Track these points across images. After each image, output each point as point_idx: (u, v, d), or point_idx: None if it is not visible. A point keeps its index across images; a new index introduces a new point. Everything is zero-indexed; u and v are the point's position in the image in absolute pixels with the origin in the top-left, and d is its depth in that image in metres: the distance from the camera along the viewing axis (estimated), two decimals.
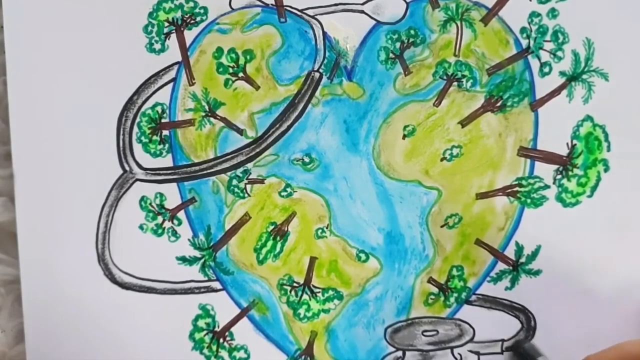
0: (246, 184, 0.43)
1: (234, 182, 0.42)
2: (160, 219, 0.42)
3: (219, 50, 0.42)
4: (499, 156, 0.43)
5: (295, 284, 0.43)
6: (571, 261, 0.43)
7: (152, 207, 0.42)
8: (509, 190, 0.43)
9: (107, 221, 0.42)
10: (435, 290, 0.44)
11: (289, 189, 0.43)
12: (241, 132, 0.42)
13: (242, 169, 0.42)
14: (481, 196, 0.43)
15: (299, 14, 0.42)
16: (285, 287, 0.43)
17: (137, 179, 0.42)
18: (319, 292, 0.43)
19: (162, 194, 0.42)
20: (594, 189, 0.43)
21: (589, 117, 0.43)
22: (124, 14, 0.41)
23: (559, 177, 0.43)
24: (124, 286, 0.42)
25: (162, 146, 0.42)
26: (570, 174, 0.43)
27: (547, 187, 0.43)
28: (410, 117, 0.42)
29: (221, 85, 0.42)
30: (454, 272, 0.44)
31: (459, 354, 0.44)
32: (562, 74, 0.42)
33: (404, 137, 0.43)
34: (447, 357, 0.44)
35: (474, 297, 0.44)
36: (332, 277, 0.43)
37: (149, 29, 0.41)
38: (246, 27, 0.42)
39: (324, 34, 0.42)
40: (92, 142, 0.42)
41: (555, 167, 0.43)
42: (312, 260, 0.43)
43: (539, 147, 0.43)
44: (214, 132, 0.42)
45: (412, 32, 0.42)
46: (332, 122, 0.42)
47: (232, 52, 0.42)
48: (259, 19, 0.42)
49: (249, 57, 0.42)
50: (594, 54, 0.42)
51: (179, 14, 0.41)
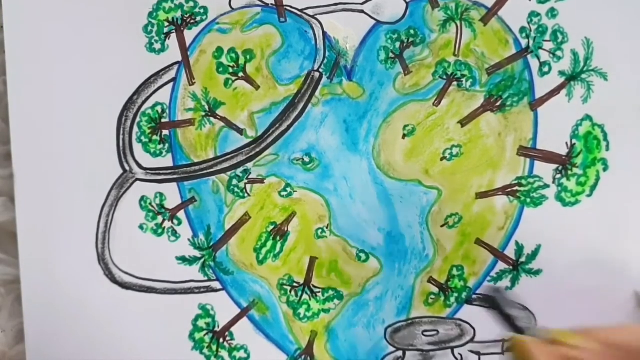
0: (246, 183, 0.43)
1: (234, 181, 0.42)
2: (160, 219, 0.42)
3: (219, 50, 0.42)
4: (499, 156, 0.43)
5: (295, 284, 0.43)
6: (571, 260, 0.43)
7: (152, 207, 0.42)
8: (509, 189, 0.43)
9: (107, 221, 0.42)
10: (435, 290, 0.44)
11: (289, 189, 0.43)
12: (241, 131, 0.42)
13: (242, 169, 0.42)
14: (481, 196, 0.43)
15: (299, 13, 0.42)
16: (285, 287, 0.43)
17: (137, 179, 0.42)
18: (319, 292, 0.43)
19: (162, 194, 0.42)
20: (594, 188, 0.43)
21: (588, 117, 0.43)
22: (124, 14, 0.41)
23: (559, 176, 0.43)
24: (124, 286, 0.42)
25: (162, 146, 0.42)
26: (569, 173, 0.43)
27: (546, 186, 0.43)
28: (410, 116, 0.42)
29: (221, 85, 0.42)
30: (454, 271, 0.44)
31: (459, 354, 0.44)
32: (561, 73, 0.42)
33: (404, 136, 0.43)
34: (448, 357, 0.44)
35: (474, 297, 0.44)
36: (332, 277, 0.43)
37: (149, 28, 0.41)
38: (246, 27, 0.42)
39: (324, 33, 0.42)
40: (93, 142, 0.42)
41: (554, 166, 0.43)
42: (312, 260, 0.43)
43: (538, 146, 0.43)
44: (214, 132, 0.42)
45: (412, 31, 0.42)
46: (332, 121, 0.42)
47: (232, 51, 0.42)
48: (259, 19, 0.42)
49: (249, 56, 0.42)
50: (593, 54, 0.42)
51: (179, 14, 0.41)
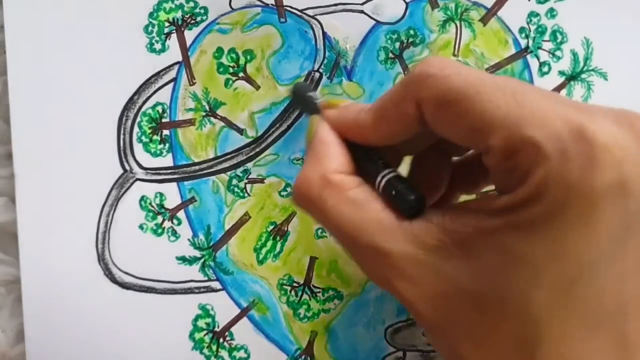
0: (246, 183, 0.43)
1: (234, 181, 0.42)
2: (160, 219, 0.42)
3: (219, 50, 0.42)
4: None
5: (295, 284, 0.43)
6: None
7: (152, 206, 0.42)
8: None
9: (107, 221, 0.42)
10: None
11: (289, 189, 0.43)
12: (241, 131, 0.42)
13: (242, 169, 0.42)
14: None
15: (299, 14, 0.42)
16: (285, 287, 0.43)
17: (137, 179, 0.42)
18: (319, 292, 0.43)
19: (162, 194, 0.42)
20: None
21: None
22: (124, 14, 0.41)
23: None
24: (124, 286, 0.42)
25: (162, 146, 0.42)
26: None
27: None
28: None
29: (221, 85, 0.42)
30: None
31: None
32: (561, 73, 0.43)
33: None
34: None
35: None
36: (333, 277, 0.43)
37: (150, 29, 0.41)
38: (246, 27, 0.42)
39: (324, 34, 0.42)
40: (93, 142, 0.42)
41: None
42: (312, 260, 0.43)
43: None
44: (214, 132, 0.42)
45: (412, 32, 0.42)
46: None
47: (233, 52, 0.42)
48: (259, 19, 0.42)
49: (249, 57, 0.42)
50: (593, 54, 0.42)
51: (179, 14, 0.41)
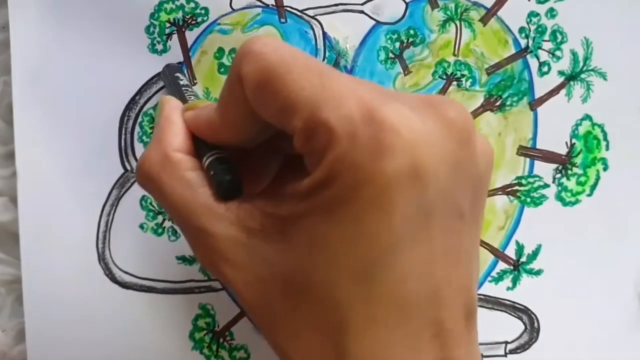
0: None
1: None
2: (160, 219, 0.42)
3: (220, 50, 0.42)
4: (499, 155, 0.43)
5: None
6: (572, 260, 0.43)
7: (153, 206, 0.42)
8: (509, 189, 0.43)
9: (108, 220, 0.42)
10: None
11: None
12: None
13: None
14: None
15: (299, 14, 0.42)
16: None
17: None
18: None
19: None
20: (594, 187, 0.43)
21: (587, 116, 0.43)
22: (126, 14, 0.41)
23: (559, 176, 0.43)
24: (124, 286, 0.42)
25: None
26: (569, 172, 0.43)
27: (546, 186, 0.43)
28: None
29: (222, 85, 0.42)
30: None
31: None
32: (560, 73, 0.43)
33: None
34: None
35: None
36: None
37: (151, 29, 0.42)
38: (247, 27, 0.42)
39: (324, 34, 0.42)
40: (94, 142, 0.42)
41: (554, 166, 0.43)
42: None
43: (538, 146, 0.43)
44: None
45: (412, 32, 0.42)
46: None
47: (233, 52, 0.42)
48: (259, 20, 0.42)
49: None
50: (593, 54, 0.42)
51: (180, 15, 0.42)
